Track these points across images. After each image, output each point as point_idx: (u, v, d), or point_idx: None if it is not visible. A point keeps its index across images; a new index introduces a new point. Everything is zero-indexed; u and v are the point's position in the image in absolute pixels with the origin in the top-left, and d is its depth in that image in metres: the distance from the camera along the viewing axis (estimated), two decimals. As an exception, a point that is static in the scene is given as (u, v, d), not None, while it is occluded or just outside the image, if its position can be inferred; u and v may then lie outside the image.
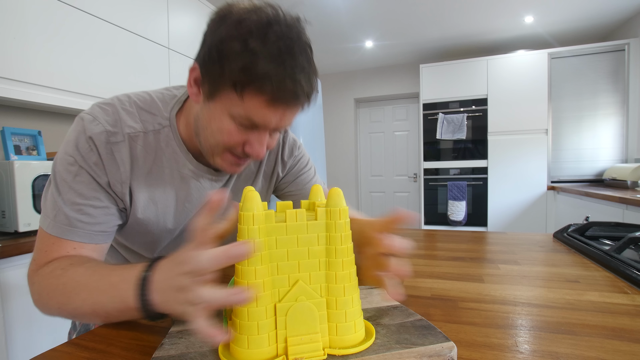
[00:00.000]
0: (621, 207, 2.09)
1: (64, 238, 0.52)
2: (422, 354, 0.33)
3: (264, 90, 0.46)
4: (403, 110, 4.40)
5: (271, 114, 0.49)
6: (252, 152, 0.53)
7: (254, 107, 0.48)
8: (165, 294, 0.37)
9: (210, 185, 0.64)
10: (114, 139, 0.54)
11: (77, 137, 0.53)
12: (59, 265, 0.50)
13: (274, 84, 0.45)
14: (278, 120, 0.51)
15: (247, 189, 0.38)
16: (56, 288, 0.48)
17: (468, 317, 0.46)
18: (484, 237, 0.97)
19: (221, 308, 0.44)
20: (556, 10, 2.89)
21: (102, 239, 0.56)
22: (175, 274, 0.36)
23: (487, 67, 3.36)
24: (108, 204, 0.55)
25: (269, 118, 0.50)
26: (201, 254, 0.35)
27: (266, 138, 0.54)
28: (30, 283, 0.52)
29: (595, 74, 3.09)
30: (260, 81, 0.45)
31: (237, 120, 0.50)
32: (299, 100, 0.49)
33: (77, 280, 0.47)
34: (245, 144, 0.53)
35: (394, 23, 3.11)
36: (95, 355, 0.39)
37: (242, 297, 0.33)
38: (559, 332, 0.41)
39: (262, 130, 0.52)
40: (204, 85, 0.52)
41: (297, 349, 0.33)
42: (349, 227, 0.37)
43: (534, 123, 3.24)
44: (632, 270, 0.59)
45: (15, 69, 1.36)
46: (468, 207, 3.47)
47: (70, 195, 0.52)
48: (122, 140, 0.55)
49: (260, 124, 0.50)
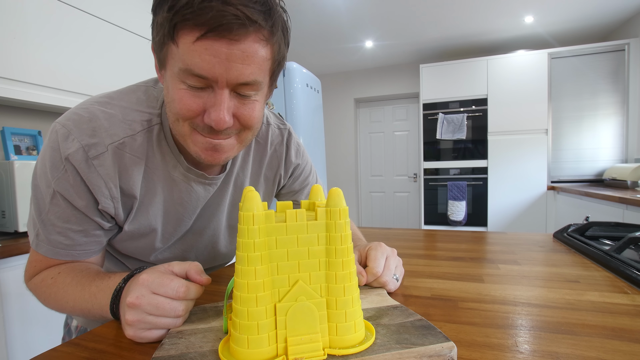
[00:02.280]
0: (621, 207, 2.09)
1: (48, 257, 0.53)
2: (422, 354, 0.33)
3: (188, 21, 0.40)
4: (403, 110, 4.40)
5: (210, 55, 0.41)
6: (209, 119, 0.45)
7: (189, 51, 0.41)
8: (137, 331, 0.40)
9: (204, 190, 0.60)
10: (93, 153, 0.48)
11: (52, 155, 0.48)
12: (49, 275, 0.52)
13: (195, 8, 0.39)
14: (225, 64, 0.42)
15: (247, 189, 0.38)
16: (49, 296, 0.52)
17: (468, 317, 0.46)
18: (484, 237, 0.97)
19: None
20: (556, 10, 2.89)
21: (88, 255, 0.55)
22: (147, 294, 0.41)
23: (487, 67, 3.36)
24: (86, 227, 0.52)
25: (211, 62, 0.41)
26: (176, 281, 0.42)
27: (224, 99, 0.44)
28: (28, 289, 0.55)
29: (595, 74, 3.09)
30: (182, 13, 0.39)
31: (184, 80, 0.44)
32: (240, 25, 0.40)
33: (64, 290, 0.50)
34: (205, 113, 0.45)
35: (394, 23, 3.11)
36: (95, 355, 0.39)
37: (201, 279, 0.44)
38: (559, 332, 0.41)
39: (216, 87, 0.44)
40: (157, 56, 0.47)
41: (297, 349, 0.33)
42: (349, 227, 0.37)
43: (534, 123, 3.24)
44: (632, 270, 0.59)
45: (15, 69, 1.36)
46: (468, 207, 3.47)
47: (48, 216, 0.50)
48: (104, 151, 0.49)
49: (205, 74, 0.42)
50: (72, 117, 0.49)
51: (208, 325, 0.42)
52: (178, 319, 0.42)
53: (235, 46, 0.41)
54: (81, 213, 0.51)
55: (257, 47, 0.43)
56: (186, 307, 0.42)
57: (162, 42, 0.44)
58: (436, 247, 0.87)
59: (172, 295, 0.41)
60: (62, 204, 0.50)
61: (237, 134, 0.50)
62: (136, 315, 0.40)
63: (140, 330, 0.40)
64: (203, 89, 0.44)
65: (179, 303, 0.41)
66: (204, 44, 0.41)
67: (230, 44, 0.41)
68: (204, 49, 0.41)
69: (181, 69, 0.43)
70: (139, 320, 0.40)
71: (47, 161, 0.48)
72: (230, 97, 0.46)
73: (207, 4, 0.38)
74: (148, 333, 0.40)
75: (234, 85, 0.44)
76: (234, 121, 0.47)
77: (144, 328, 0.40)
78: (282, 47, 0.49)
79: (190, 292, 0.42)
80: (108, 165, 0.50)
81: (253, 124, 0.50)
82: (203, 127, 0.47)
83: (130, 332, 0.40)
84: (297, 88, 2.30)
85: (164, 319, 0.40)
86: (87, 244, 0.54)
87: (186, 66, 0.42)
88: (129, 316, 0.40)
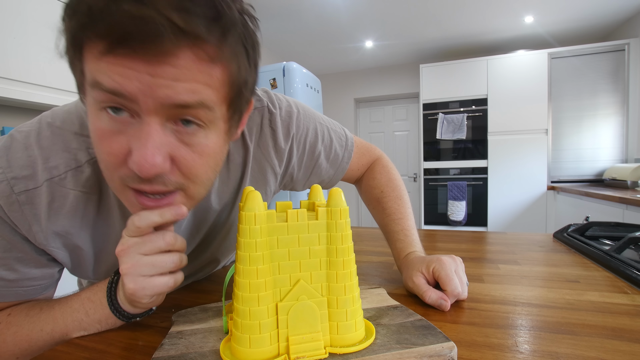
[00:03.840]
0: (621, 207, 2.09)
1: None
2: (422, 354, 0.34)
3: (87, 30, 0.28)
4: (403, 110, 4.40)
5: (123, 68, 0.29)
6: (132, 162, 0.31)
7: (95, 64, 0.29)
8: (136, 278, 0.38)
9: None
10: (20, 187, 0.38)
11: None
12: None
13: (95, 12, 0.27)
14: (147, 79, 0.29)
15: (247, 189, 0.38)
16: (4, 341, 0.42)
17: (468, 317, 0.46)
18: (484, 237, 0.97)
19: None
20: (556, 10, 2.89)
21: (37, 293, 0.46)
22: (140, 257, 0.37)
23: (487, 67, 3.36)
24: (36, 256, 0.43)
25: (125, 74, 0.29)
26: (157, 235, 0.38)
27: (151, 130, 0.31)
28: None
29: (595, 74, 3.09)
30: (80, 20, 0.28)
31: (101, 107, 0.31)
32: (163, 38, 0.27)
33: (30, 322, 0.42)
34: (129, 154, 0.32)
35: (394, 23, 3.11)
36: (95, 355, 0.39)
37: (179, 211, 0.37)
38: (559, 332, 0.41)
39: (141, 112, 0.31)
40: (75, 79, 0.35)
41: (299, 347, 0.33)
42: (350, 227, 0.37)
43: (534, 123, 3.24)
44: (632, 270, 0.59)
45: (15, 69, 1.36)
46: (468, 207, 3.47)
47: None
48: (37, 186, 0.39)
49: (120, 89, 0.29)
50: (4, 144, 0.40)
51: (208, 325, 0.42)
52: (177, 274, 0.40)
53: (158, 69, 0.29)
54: (24, 238, 0.41)
55: (195, 72, 0.30)
56: (180, 258, 0.40)
57: (70, 59, 0.32)
58: (436, 247, 0.87)
59: (163, 246, 0.38)
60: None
61: (181, 189, 0.37)
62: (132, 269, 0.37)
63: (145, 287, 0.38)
64: (128, 121, 0.32)
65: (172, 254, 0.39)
66: (111, 59, 0.29)
67: (150, 66, 0.29)
68: (112, 64, 0.29)
69: (90, 85, 0.31)
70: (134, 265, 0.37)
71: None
72: (165, 130, 0.32)
73: (114, 5, 0.26)
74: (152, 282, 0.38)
75: (166, 110, 0.31)
76: (171, 167, 0.34)
77: (146, 275, 0.38)
78: (243, 68, 0.35)
79: (178, 240, 0.40)
80: (39, 204, 0.39)
81: (198, 173, 0.36)
82: (132, 176, 0.33)
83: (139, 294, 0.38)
84: (297, 88, 2.30)
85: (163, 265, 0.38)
86: (39, 278, 0.44)
87: (93, 79, 0.30)
88: (129, 284, 0.38)
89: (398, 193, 0.68)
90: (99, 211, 0.44)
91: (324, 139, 0.62)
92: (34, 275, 0.44)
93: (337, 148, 0.65)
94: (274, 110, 0.54)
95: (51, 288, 0.49)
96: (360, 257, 0.78)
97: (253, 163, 0.55)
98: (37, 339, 0.42)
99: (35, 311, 0.44)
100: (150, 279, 0.38)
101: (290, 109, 0.57)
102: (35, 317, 0.43)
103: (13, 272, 0.42)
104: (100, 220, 0.45)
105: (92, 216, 0.44)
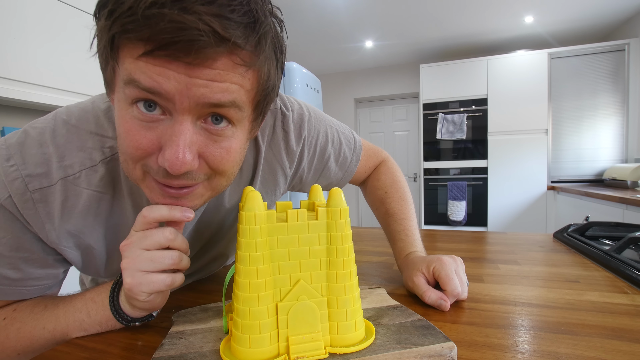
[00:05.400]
0: (621, 207, 2.09)
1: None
2: (422, 354, 0.34)
3: (128, 33, 0.29)
4: (403, 110, 4.40)
5: (162, 67, 0.30)
6: (162, 160, 0.33)
7: (132, 63, 0.31)
8: (134, 273, 0.37)
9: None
10: (35, 185, 0.38)
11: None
12: (1, 316, 0.44)
13: (139, 16, 0.28)
14: (184, 79, 0.30)
15: (247, 189, 0.38)
16: (7, 337, 0.42)
17: (468, 317, 0.46)
18: (484, 237, 0.97)
19: None
20: (556, 10, 2.89)
21: (40, 292, 0.46)
22: (140, 252, 0.37)
23: (487, 67, 3.36)
24: (43, 255, 0.43)
25: (163, 73, 0.30)
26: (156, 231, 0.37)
27: (184, 129, 0.32)
28: None
29: (595, 74, 3.09)
30: (122, 21, 0.29)
31: (133, 100, 0.32)
32: (204, 44, 0.29)
33: (33, 320, 0.43)
34: (160, 152, 0.34)
35: (394, 23, 3.11)
36: (95, 355, 0.39)
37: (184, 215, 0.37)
38: (559, 332, 0.41)
39: (174, 111, 0.32)
40: (103, 76, 0.36)
41: (299, 347, 0.33)
42: (349, 227, 0.37)
43: (534, 123, 3.24)
44: (632, 270, 0.59)
45: (15, 69, 1.36)
46: (468, 207, 3.47)
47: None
48: (51, 184, 0.39)
49: (157, 88, 0.30)
50: (18, 140, 0.40)
51: (208, 325, 0.42)
52: (176, 275, 0.39)
53: (197, 71, 0.30)
54: (34, 236, 0.41)
55: (230, 75, 0.32)
56: (179, 256, 0.40)
57: (104, 56, 0.34)
58: (436, 247, 0.87)
59: (163, 241, 0.38)
60: (7, 227, 0.40)
61: (206, 179, 0.38)
62: (132, 264, 0.37)
63: (142, 283, 0.37)
64: (159, 118, 0.33)
65: (172, 251, 0.39)
66: (150, 60, 0.30)
67: (189, 68, 0.30)
68: (151, 64, 0.30)
69: (125, 82, 0.32)
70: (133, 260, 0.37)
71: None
72: (195, 129, 0.34)
73: (157, 10, 0.27)
74: (150, 278, 0.37)
75: (200, 108, 0.32)
76: (199, 162, 0.35)
77: (145, 270, 0.37)
78: (272, 72, 0.37)
79: (178, 237, 0.39)
80: (53, 203, 0.39)
81: (226, 168, 0.37)
82: (157, 170, 0.34)
83: (135, 289, 0.37)
84: (297, 88, 2.30)
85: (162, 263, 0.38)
86: (43, 278, 0.44)
87: (129, 77, 0.31)
88: (127, 278, 0.37)
89: (402, 194, 0.68)
90: (112, 211, 0.45)
91: (334, 142, 0.62)
92: (37, 275, 0.44)
93: (346, 151, 0.65)
94: (286, 112, 0.55)
95: (55, 288, 0.49)
96: (360, 257, 0.78)
97: (264, 164, 0.55)
98: (38, 337, 0.43)
99: (40, 308, 0.44)
100: (148, 275, 0.38)
101: (302, 111, 0.58)
102: (39, 315, 0.43)
103: (18, 271, 0.42)
104: (112, 219, 0.45)
105: (105, 216, 0.44)
